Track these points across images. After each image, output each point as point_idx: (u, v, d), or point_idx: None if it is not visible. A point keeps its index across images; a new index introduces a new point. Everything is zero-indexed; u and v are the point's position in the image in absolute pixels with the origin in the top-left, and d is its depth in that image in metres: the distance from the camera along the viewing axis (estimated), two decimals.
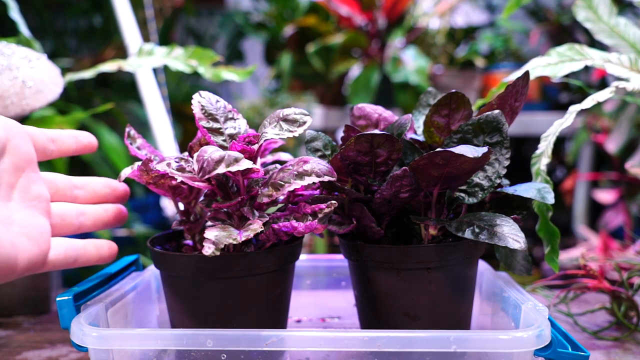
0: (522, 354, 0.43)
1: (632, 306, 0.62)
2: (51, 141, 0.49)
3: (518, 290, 0.52)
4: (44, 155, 0.48)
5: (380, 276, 0.51)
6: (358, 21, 1.65)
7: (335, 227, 0.52)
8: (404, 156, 0.54)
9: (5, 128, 0.43)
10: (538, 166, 0.57)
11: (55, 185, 0.49)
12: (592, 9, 0.66)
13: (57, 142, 0.50)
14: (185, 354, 0.44)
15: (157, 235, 0.56)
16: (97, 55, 1.93)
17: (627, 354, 0.56)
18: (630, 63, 0.59)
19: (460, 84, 1.65)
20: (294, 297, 0.57)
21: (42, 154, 0.48)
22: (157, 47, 0.77)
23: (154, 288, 0.60)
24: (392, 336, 0.42)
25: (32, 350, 0.59)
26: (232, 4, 2.57)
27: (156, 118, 0.98)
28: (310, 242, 1.53)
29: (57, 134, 0.50)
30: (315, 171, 0.47)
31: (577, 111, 0.56)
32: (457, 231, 0.47)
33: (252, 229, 0.45)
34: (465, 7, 2.00)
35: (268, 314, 0.50)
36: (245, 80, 0.78)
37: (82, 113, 0.79)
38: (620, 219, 1.56)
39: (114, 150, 1.45)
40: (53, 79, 0.67)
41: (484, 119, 0.50)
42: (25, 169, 0.45)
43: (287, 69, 1.76)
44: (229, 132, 0.50)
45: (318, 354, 0.46)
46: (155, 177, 0.50)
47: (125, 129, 0.55)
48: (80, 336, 0.44)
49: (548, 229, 0.55)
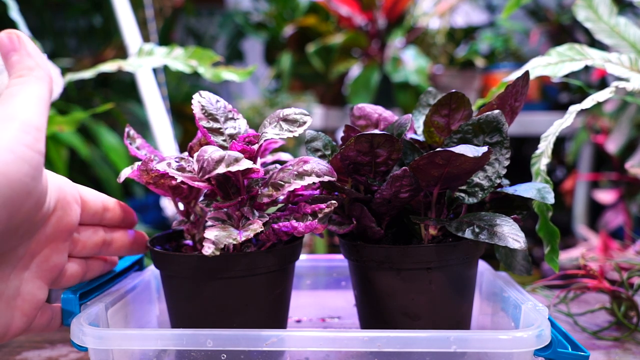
0: (522, 354, 0.43)
1: (632, 306, 0.62)
2: (105, 209, 0.48)
3: (518, 290, 0.52)
4: (92, 221, 0.47)
5: (380, 276, 0.51)
6: (358, 21, 1.65)
7: (335, 227, 0.52)
8: (404, 156, 0.54)
9: (57, 197, 0.41)
10: (538, 166, 0.57)
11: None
12: (592, 8, 0.66)
13: (110, 212, 0.49)
14: (185, 354, 0.44)
15: (157, 235, 0.56)
16: (97, 55, 1.93)
17: (627, 354, 0.56)
18: (630, 63, 0.59)
19: (460, 84, 1.66)
20: (294, 297, 0.57)
21: (90, 219, 0.47)
22: (157, 47, 0.77)
23: (154, 288, 0.60)
24: (392, 336, 0.42)
25: (32, 350, 0.59)
26: (232, 4, 2.57)
27: (156, 118, 0.98)
28: (310, 242, 1.53)
29: (112, 204, 0.49)
30: (315, 171, 0.47)
31: (577, 111, 0.56)
32: (457, 231, 0.47)
33: (252, 229, 0.45)
34: (465, 7, 2.00)
35: (268, 314, 0.50)
36: (245, 80, 0.78)
37: (82, 113, 0.79)
38: (620, 219, 1.56)
39: (114, 150, 1.45)
40: (53, 79, 0.67)
41: (484, 119, 0.50)
42: (57, 239, 0.43)
43: (287, 69, 1.76)
44: (229, 132, 0.50)
45: (318, 354, 0.46)
46: (155, 177, 0.50)
47: (125, 129, 0.55)
48: (80, 336, 0.44)
49: (548, 229, 0.55)
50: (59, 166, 1.26)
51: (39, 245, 0.42)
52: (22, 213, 0.37)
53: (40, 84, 0.40)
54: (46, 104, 0.39)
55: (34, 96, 0.39)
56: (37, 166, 0.36)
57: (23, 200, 0.36)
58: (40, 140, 0.37)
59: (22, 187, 0.35)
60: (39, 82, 0.40)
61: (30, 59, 0.40)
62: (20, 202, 0.36)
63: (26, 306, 0.41)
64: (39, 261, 0.42)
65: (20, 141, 0.35)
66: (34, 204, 0.37)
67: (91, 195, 0.47)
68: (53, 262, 0.43)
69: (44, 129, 0.38)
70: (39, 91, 0.39)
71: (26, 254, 0.41)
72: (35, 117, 0.38)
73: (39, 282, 0.42)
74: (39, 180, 0.37)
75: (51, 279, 0.43)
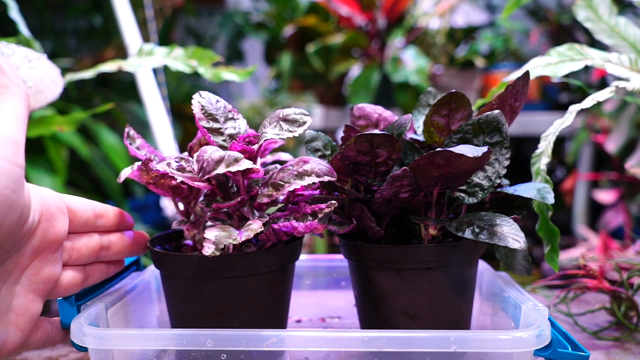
0: (522, 354, 0.43)
1: (632, 306, 0.62)
2: (98, 216, 0.48)
3: (518, 290, 0.52)
4: (86, 229, 0.47)
5: (380, 276, 0.51)
6: (358, 21, 1.65)
7: (335, 227, 0.52)
8: (404, 156, 0.54)
9: (40, 209, 0.41)
10: (538, 166, 0.57)
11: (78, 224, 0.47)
12: (592, 8, 0.66)
13: (104, 218, 0.49)
14: (185, 354, 0.44)
15: (157, 235, 0.56)
16: (97, 55, 1.93)
17: (627, 354, 0.56)
18: (630, 63, 0.59)
19: (460, 84, 1.66)
20: (294, 297, 0.57)
21: (82, 228, 0.47)
22: (157, 47, 0.77)
23: (154, 288, 0.60)
24: (392, 336, 0.42)
25: (32, 350, 0.59)
26: (232, 4, 2.57)
27: (156, 118, 0.98)
28: (310, 242, 1.53)
29: (105, 210, 0.49)
30: (315, 171, 0.47)
31: (577, 111, 0.56)
32: (457, 231, 0.47)
33: (252, 229, 0.45)
34: (465, 7, 2.00)
35: (268, 314, 0.50)
36: (245, 80, 0.78)
37: (82, 113, 0.79)
38: (620, 219, 1.56)
39: (114, 150, 1.45)
40: (53, 79, 0.67)
41: (484, 119, 0.50)
42: (45, 251, 0.43)
43: (287, 69, 1.76)
44: (229, 132, 0.50)
45: (318, 354, 0.46)
46: (155, 177, 0.50)
47: (125, 129, 0.55)
48: (80, 336, 0.44)
49: (548, 229, 0.55)
50: (59, 166, 1.25)
51: (28, 259, 0.42)
52: (6, 227, 0.37)
53: (16, 101, 0.40)
54: (23, 119, 0.40)
55: (11, 112, 0.39)
56: (18, 179, 0.37)
57: (5, 213, 0.36)
58: (20, 154, 0.38)
59: (3, 200, 0.36)
60: (15, 99, 0.40)
61: (4, 76, 0.41)
62: (3, 216, 0.36)
63: (20, 320, 0.41)
64: (30, 274, 0.42)
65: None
66: (17, 217, 0.38)
67: (79, 203, 0.47)
68: (45, 274, 0.43)
69: (23, 143, 0.39)
70: (15, 107, 0.40)
71: (15, 268, 0.41)
72: (13, 132, 0.38)
73: (31, 295, 0.42)
74: (20, 193, 0.37)
75: (45, 291, 0.43)
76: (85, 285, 0.48)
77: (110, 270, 0.51)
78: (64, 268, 0.45)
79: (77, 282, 0.47)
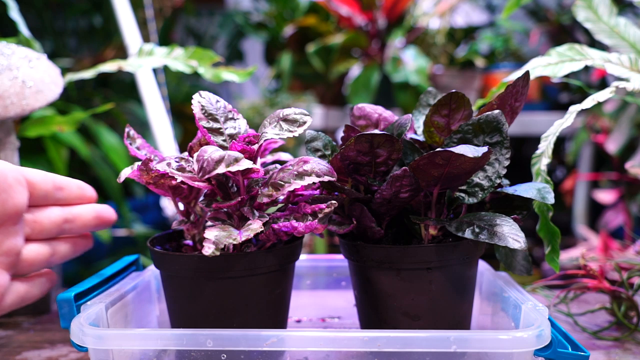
0: (522, 354, 0.43)
1: (632, 306, 0.62)
2: (58, 189, 0.48)
3: (518, 290, 0.52)
4: (46, 202, 0.47)
5: (380, 276, 0.51)
6: (358, 21, 1.65)
7: (335, 227, 0.52)
8: (404, 156, 0.54)
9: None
10: (538, 166, 0.57)
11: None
12: (592, 9, 0.66)
13: (65, 191, 0.48)
14: (185, 354, 0.44)
15: (157, 235, 0.56)
16: (97, 55, 1.93)
17: (627, 354, 0.56)
18: (630, 63, 0.59)
19: (460, 84, 1.65)
20: (294, 297, 0.57)
21: (42, 200, 0.47)
22: (157, 47, 0.77)
23: (154, 288, 0.60)
24: (392, 336, 0.42)
25: (32, 350, 0.59)
26: (232, 4, 2.57)
27: (156, 118, 0.98)
28: (310, 242, 1.53)
29: (65, 182, 0.49)
30: (315, 171, 0.47)
31: (577, 111, 0.56)
32: (457, 231, 0.47)
33: (252, 229, 0.45)
34: (465, 7, 2.00)
35: (268, 314, 0.50)
36: (245, 80, 0.78)
37: (82, 113, 0.79)
38: (620, 219, 1.56)
39: (114, 150, 1.45)
40: (53, 79, 0.67)
41: (484, 119, 0.50)
42: (5, 223, 0.43)
43: (287, 69, 1.76)
44: (229, 132, 0.50)
45: (318, 354, 0.46)
46: (155, 177, 0.50)
47: (125, 129, 0.55)
48: (80, 336, 0.44)
49: (548, 229, 0.55)
50: (59, 166, 1.25)
51: None
52: None
53: None
54: None
55: None
56: None
57: None
58: None
59: None
60: None
61: None
62: None
63: None
64: None
65: None
66: None
67: (39, 176, 0.47)
68: (6, 247, 0.43)
69: None
70: None
71: None
72: None
73: None
74: None
75: (8, 264, 0.43)
76: (52, 261, 0.48)
77: (78, 247, 0.51)
78: (28, 242, 0.45)
79: (42, 257, 0.46)
